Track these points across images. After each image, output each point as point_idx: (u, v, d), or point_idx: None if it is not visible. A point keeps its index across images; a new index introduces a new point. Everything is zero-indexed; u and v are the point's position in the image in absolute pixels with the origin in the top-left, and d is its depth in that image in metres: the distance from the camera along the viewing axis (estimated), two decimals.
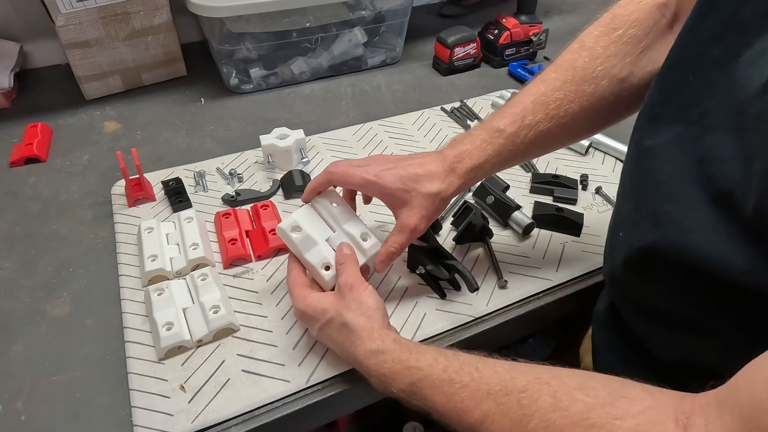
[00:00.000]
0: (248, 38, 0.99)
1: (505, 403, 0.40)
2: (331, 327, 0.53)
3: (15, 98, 1.00)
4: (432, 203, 0.57)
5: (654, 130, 0.47)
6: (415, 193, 0.56)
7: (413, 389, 0.47)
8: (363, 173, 0.57)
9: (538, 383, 0.40)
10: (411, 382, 0.47)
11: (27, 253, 0.70)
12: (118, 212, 0.75)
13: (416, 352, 0.49)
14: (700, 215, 0.40)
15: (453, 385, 0.44)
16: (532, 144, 0.57)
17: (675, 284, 0.44)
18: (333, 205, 0.61)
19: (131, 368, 0.56)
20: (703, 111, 0.42)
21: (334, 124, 0.95)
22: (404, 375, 0.48)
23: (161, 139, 0.91)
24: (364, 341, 0.51)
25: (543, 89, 0.57)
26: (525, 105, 0.57)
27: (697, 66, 0.43)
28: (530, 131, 0.56)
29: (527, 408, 0.39)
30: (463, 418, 0.43)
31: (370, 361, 0.50)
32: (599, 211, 0.78)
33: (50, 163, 0.85)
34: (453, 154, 0.57)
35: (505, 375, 0.43)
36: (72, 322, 0.62)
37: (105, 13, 0.92)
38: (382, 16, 1.08)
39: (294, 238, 0.58)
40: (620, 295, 0.55)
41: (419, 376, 0.47)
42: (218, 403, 0.53)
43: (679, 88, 0.45)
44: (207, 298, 0.60)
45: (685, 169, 0.42)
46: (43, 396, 0.55)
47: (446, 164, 0.57)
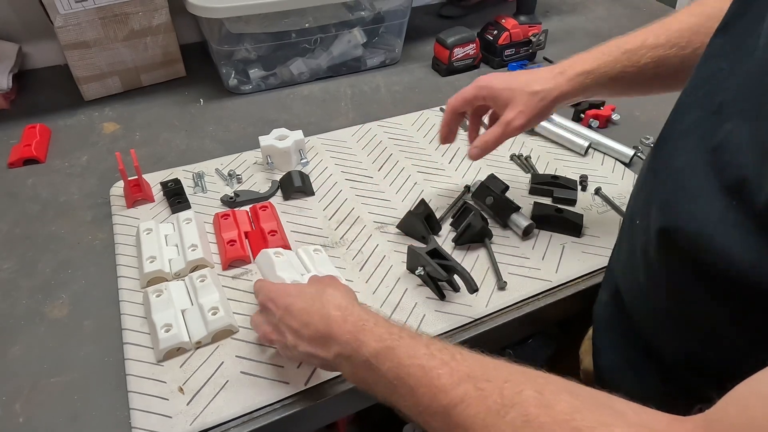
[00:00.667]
0: (247, 39, 0.99)
1: (485, 389, 0.37)
2: (304, 299, 0.50)
3: (14, 99, 1.00)
4: (531, 100, 0.62)
5: (676, 118, 0.47)
6: (519, 92, 0.62)
7: (388, 354, 0.43)
8: (474, 84, 0.67)
9: (523, 376, 0.38)
10: (389, 346, 0.43)
11: (26, 255, 0.70)
12: (117, 213, 0.75)
13: (398, 324, 0.47)
14: (709, 204, 0.39)
15: (433, 359, 0.41)
16: (647, 68, 0.58)
17: (682, 277, 0.44)
18: (313, 252, 0.66)
19: (130, 370, 0.56)
20: (726, 99, 0.41)
21: (334, 125, 0.95)
22: (383, 337, 0.44)
23: (160, 140, 0.91)
24: (348, 305, 0.48)
25: (669, 19, 0.60)
26: (649, 28, 0.60)
27: (731, 57, 0.43)
28: (649, 52, 0.58)
29: (508, 399, 0.36)
30: (437, 397, 0.39)
31: (350, 321, 0.46)
32: (599, 212, 0.78)
33: (49, 165, 0.85)
34: (567, 62, 0.63)
35: (490, 363, 0.40)
36: (71, 324, 0.62)
37: (104, 14, 0.92)
38: (382, 17, 1.08)
39: (275, 259, 0.61)
40: (630, 288, 0.54)
41: (399, 343, 0.43)
42: (217, 404, 0.53)
43: (710, 77, 0.45)
44: (206, 300, 0.60)
45: (699, 157, 0.41)
46: (41, 398, 0.55)
47: (555, 69, 0.62)
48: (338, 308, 0.48)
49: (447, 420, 0.38)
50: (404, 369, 0.42)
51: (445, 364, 0.40)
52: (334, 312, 0.47)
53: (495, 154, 0.89)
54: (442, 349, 0.42)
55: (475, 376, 0.39)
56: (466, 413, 0.37)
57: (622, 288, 0.56)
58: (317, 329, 0.47)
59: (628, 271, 0.54)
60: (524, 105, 0.62)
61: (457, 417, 0.38)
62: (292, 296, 0.50)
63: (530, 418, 0.34)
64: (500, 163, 0.87)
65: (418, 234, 0.72)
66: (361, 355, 0.44)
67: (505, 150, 0.90)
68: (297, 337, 0.49)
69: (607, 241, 0.73)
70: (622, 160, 0.88)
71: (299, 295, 0.50)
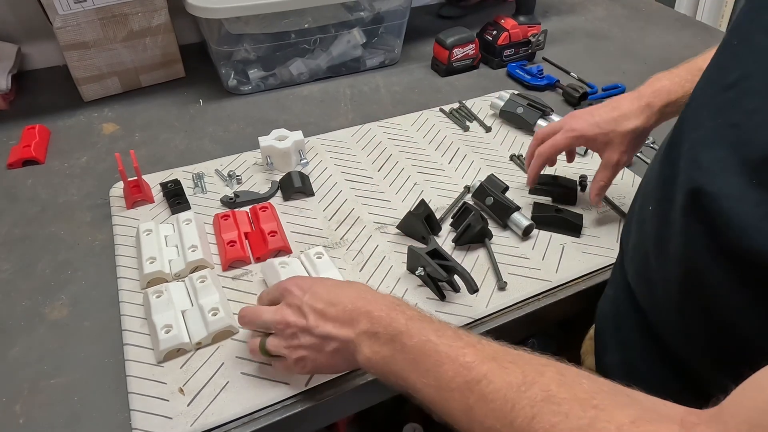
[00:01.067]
0: (247, 39, 0.99)
1: (508, 368, 0.39)
2: (327, 282, 0.53)
3: (13, 100, 0.99)
4: (630, 139, 0.65)
5: (693, 96, 0.47)
6: (614, 134, 0.65)
7: (418, 329, 0.44)
8: (566, 134, 0.69)
9: (544, 362, 0.39)
10: (420, 322, 0.45)
11: (25, 256, 0.70)
12: (117, 214, 0.75)
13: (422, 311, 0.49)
14: (729, 180, 0.39)
15: (460, 340, 0.42)
16: None
17: (702, 261, 0.43)
18: (315, 257, 0.66)
19: (130, 371, 0.56)
20: (743, 74, 0.41)
21: (333, 126, 0.95)
22: (413, 315, 0.46)
23: (160, 140, 0.91)
24: (372, 291, 0.51)
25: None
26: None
27: (745, 31, 0.43)
28: None
29: (530, 377, 0.37)
30: (460, 372, 0.40)
31: (382, 301, 0.48)
32: (598, 211, 0.78)
33: (48, 165, 0.85)
34: (650, 91, 0.64)
35: (513, 350, 0.41)
36: (70, 325, 0.62)
37: (103, 15, 0.92)
38: (381, 17, 1.08)
39: (280, 270, 0.63)
40: (641, 281, 0.54)
41: (429, 321, 0.45)
42: (217, 405, 0.53)
43: (720, 51, 0.45)
44: (206, 301, 0.60)
45: (713, 133, 0.41)
46: (41, 399, 0.55)
47: (642, 102, 0.64)
48: (368, 290, 0.50)
49: (467, 395, 0.39)
50: (431, 345, 0.43)
51: (472, 345, 0.42)
52: (365, 292, 0.49)
53: (495, 155, 0.89)
54: (469, 335, 0.44)
55: (499, 358, 0.40)
56: (488, 388, 0.38)
57: (632, 281, 0.55)
58: (345, 308, 0.48)
59: (637, 262, 0.53)
60: (623, 145, 0.66)
61: (479, 391, 0.38)
62: (317, 281, 0.53)
63: (551, 394, 0.35)
64: (500, 164, 0.87)
65: (418, 234, 0.72)
66: (392, 330, 0.45)
67: (504, 150, 0.90)
68: (320, 317, 0.49)
69: (607, 241, 0.73)
70: None
71: (323, 281, 0.53)
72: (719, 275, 0.41)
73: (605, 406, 0.33)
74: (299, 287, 0.52)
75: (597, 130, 0.67)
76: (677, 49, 1.21)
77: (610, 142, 0.66)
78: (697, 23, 1.41)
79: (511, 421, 0.36)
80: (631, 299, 0.55)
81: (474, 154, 0.89)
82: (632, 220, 0.57)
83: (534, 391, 0.36)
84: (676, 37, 1.29)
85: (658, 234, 0.48)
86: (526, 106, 0.93)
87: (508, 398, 0.37)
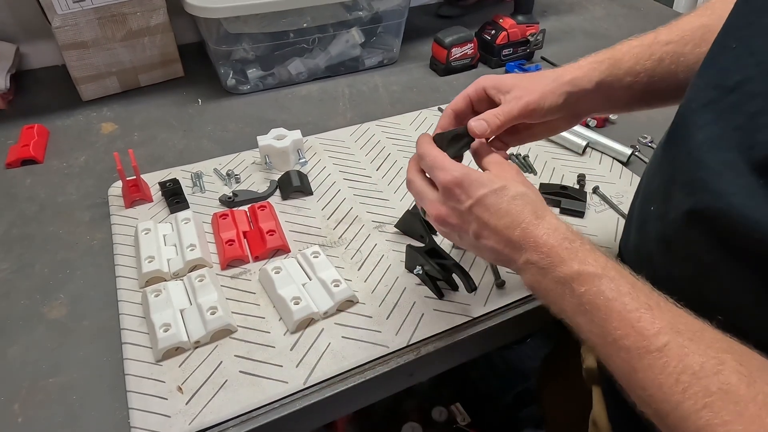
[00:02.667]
0: (245, 39, 0.99)
1: (687, 347, 0.36)
2: (502, 195, 0.47)
3: (11, 99, 0.99)
4: (540, 80, 0.56)
5: (690, 98, 0.47)
6: (525, 78, 0.57)
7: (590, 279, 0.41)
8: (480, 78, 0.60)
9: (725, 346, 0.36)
10: (593, 273, 0.42)
11: (24, 255, 0.70)
12: (115, 213, 0.75)
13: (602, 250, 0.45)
14: (737, 181, 0.38)
15: (637, 300, 0.40)
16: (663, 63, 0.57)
17: (708, 259, 0.43)
18: (312, 256, 0.66)
19: (129, 370, 0.56)
20: (744, 78, 0.41)
21: (332, 125, 0.96)
22: (587, 261, 0.43)
23: (158, 140, 0.91)
24: (547, 215, 0.46)
25: (676, 20, 0.60)
26: (658, 29, 0.59)
27: (743, 34, 0.42)
28: (662, 47, 0.57)
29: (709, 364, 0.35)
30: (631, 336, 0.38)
31: (553, 233, 0.45)
32: (596, 210, 0.78)
33: (47, 165, 0.85)
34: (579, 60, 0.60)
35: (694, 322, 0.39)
36: (69, 324, 0.62)
37: (102, 14, 0.92)
38: (379, 17, 1.08)
39: (274, 277, 0.63)
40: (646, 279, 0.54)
41: (604, 272, 0.42)
42: (216, 404, 0.53)
43: (719, 54, 0.44)
44: (204, 299, 0.60)
45: (718, 136, 0.41)
46: (40, 398, 0.55)
47: (566, 65, 0.59)
48: (537, 216, 0.46)
49: (636, 359, 0.38)
50: (602, 300, 0.40)
51: (649, 309, 0.39)
52: (534, 219, 0.45)
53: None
54: (648, 293, 0.41)
55: (679, 331, 0.37)
56: (660, 361, 0.36)
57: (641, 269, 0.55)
58: (512, 234, 0.46)
59: (641, 263, 0.53)
60: (533, 84, 0.56)
61: (649, 361, 0.37)
62: (487, 187, 0.47)
63: (729, 389, 0.33)
64: None
65: (417, 233, 0.72)
66: (559, 272, 0.43)
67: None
68: (485, 230, 0.47)
69: (605, 240, 0.73)
70: (620, 159, 0.88)
71: (495, 192, 0.47)
72: (726, 275, 0.41)
73: None
74: (466, 191, 0.47)
75: (509, 76, 0.58)
76: None
77: (517, 84, 0.56)
78: None
79: (678, 403, 0.35)
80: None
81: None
82: (632, 221, 0.57)
83: (711, 381, 0.34)
84: None
85: (661, 234, 0.48)
86: None
87: (681, 380, 0.35)
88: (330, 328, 0.61)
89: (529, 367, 1.22)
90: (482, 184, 0.47)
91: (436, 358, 0.61)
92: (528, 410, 1.18)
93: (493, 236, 0.47)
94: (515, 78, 0.57)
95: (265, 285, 0.65)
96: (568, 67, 0.58)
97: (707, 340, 0.37)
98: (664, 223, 0.47)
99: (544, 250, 0.44)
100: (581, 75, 0.57)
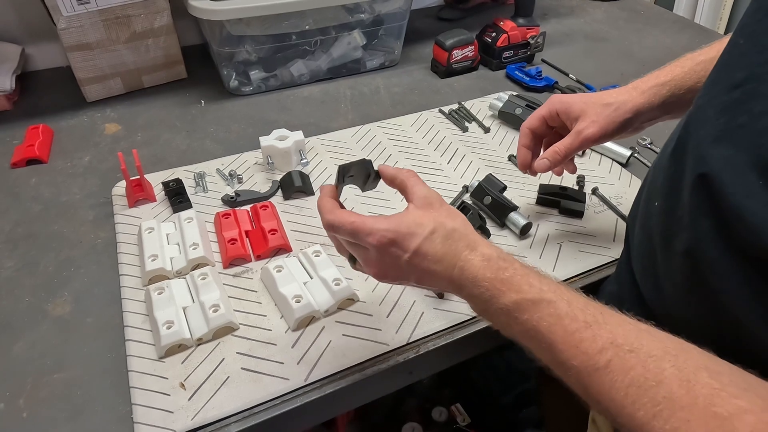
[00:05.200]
0: (248, 41, 1.00)
1: (628, 360, 0.38)
2: (435, 239, 0.47)
3: (17, 100, 1.00)
4: (604, 110, 0.61)
5: (699, 94, 0.47)
6: (591, 104, 0.62)
7: (529, 307, 0.42)
8: (547, 102, 0.66)
9: (664, 351, 0.38)
10: (531, 300, 0.43)
11: (28, 253, 0.71)
12: (119, 213, 0.76)
13: (535, 271, 0.46)
14: (738, 178, 0.39)
15: (575, 321, 0.41)
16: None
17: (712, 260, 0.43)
18: (313, 255, 0.67)
19: (132, 366, 0.57)
20: (750, 75, 0.41)
21: (333, 126, 0.96)
22: (522, 290, 0.43)
23: (162, 140, 0.92)
24: (479, 245, 0.46)
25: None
26: (723, 40, 0.58)
27: (752, 31, 0.42)
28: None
29: (652, 374, 0.36)
30: (577, 357, 0.40)
31: (488, 265, 0.45)
32: (596, 211, 0.79)
33: (51, 165, 0.86)
34: (641, 78, 0.62)
35: (631, 328, 0.40)
36: (73, 321, 0.62)
37: (106, 16, 0.93)
38: (381, 19, 1.09)
39: (275, 275, 0.63)
40: (648, 273, 0.53)
41: (540, 297, 0.43)
42: (218, 400, 0.54)
43: (727, 50, 0.44)
44: (207, 297, 0.61)
45: (720, 131, 0.41)
46: (44, 394, 0.55)
47: (630, 86, 0.62)
48: (471, 248, 0.46)
49: (584, 380, 0.39)
50: (545, 325, 0.42)
51: (588, 326, 0.40)
52: (469, 254, 0.46)
53: (493, 155, 0.90)
54: (584, 309, 0.42)
55: (618, 344, 0.39)
56: (607, 379, 0.38)
57: (638, 277, 0.55)
58: (451, 273, 0.46)
59: (644, 258, 0.53)
60: (597, 115, 0.62)
61: (598, 381, 0.38)
62: (419, 236, 0.47)
63: (673, 396, 0.35)
64: (498, 164, 0.88)
65: None
66: (500, 303, 0.44)
67: (503, 151, 0.91)
68: (425, 275, 0.47)
69: (604, 241, 0.74)
70: (619, 161, 0.89)
71: (428, 238, 0.47)
72: (727, 269, 0.41)
73: (728, 415, 0.33)
74: (400, 246, 0.47)
75: (577, 99, 0.64)
76: (676, 51, 1.20)
77: (585, 111, 0.63)
78: (695, 25, 1.42)
79: (631, 414, 0.36)
80: (636, 295, 0.55)
81: (472, 154, 0.90)
82: (636, 216, 0.57)
83: (656, 391, 0.36)
84: (674, 39, 1.30)
85: (664, 229, 0.48)
86: (524, 107, 0.94)
87: (629, 393, 0.37)
88: (331, 326, 0.62)
89: (529, 368, 1.22)
90: (414, 234, 0.47)
91: (435, 356, 0.62)
92: (528, 411, 1.18)
93: (434, 279, 0.48)
94: (583, 103, 0.63)
95: (267, 283, 0.65)
96: (632, 92, 0.62)
97: (646, 348, 0.38)
98: (667, 218, 0.47)
99: (483, 284, 0.45)
100: (643, 102, 0.61)
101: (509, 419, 1.18)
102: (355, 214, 0.48)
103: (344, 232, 0.48)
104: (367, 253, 0.49)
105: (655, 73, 0.63)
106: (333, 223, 0.49)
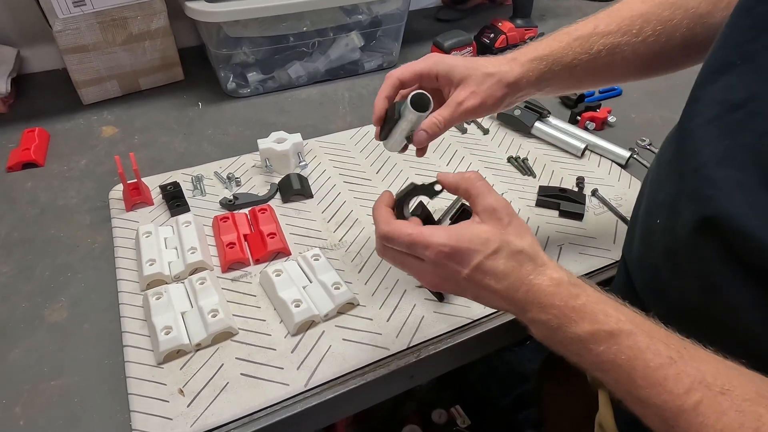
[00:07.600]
0: (245, 43, 0.99)
1: (721, 403, 0.35)
2: (498, 257, 0.44)
3: (12, 103, 1.00)
4: (486, 81, 0.57)
5: (694, 112, 0.46)
6: (474, 70, 0.57)
7: (605, 338, 0.39)
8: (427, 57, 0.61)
9: (757, 394, 0.36)
10: (608, 331, 0.39)
11: (25, 258, 0.70)
12: (116, 217, 0.75)
13: (609, 297, 0.42)
14: (749, 200, 0.38)
15: (659, 356, 0.38)
16: (600, 56, 0.57)
17: (718, 275, 0.42)
18: (312, 259, 0.67)
19: (130, 372, 0.56)
20: (751, 95, 0.40)
21: (332, 128, 0.96)
22: (598, 319, 0.40)
23: (159, 143, 0.91)
24: (548, 268, 0.43)
25: (619, 6, 0.59)
26: (598, 16, 0.59)
27: (747, 50, 0.42)
28: (601, 39, 0.57)
29: (749, 420, 0.34)
30: (660, 395, 0.37)
31: (557, 290, 0.42)
32: (595, 213, 0.79)
33: (48, 168, 0.86)
34: (519, 50, 0.60)
35: (720, 366, 0.37)
36: (70, 327, 0.62)
37: (102, 18, 0.92)
38: (379, 21, 1.09)
39: (275, 279, 0.63)
40: (652, 289, 0.52)
41: (618, 327, 0.39)
42: (217, 406, 0.54)
43: (723, 70, 0.44)
44: (205, 302, 0.61)
45: (725, 153, 0.41)
46: (41, 401, 0.55)
47: (509, 56, 0.60)
48: (537, 272, 0.43)
49: (671, 419, 0.37)
50: (624, 358, 0.39)
51: (672, 362, 0.37)
52: (537, 278, 0.43)
53: (492, 156, 0.89)
54: (667, 342, 0.39)
55: (708, 384, 0.36)
56: (696, 422, 0.35)
57: (641, 292, 0.54)
58: (515, 295, 0.43)
59: (647, 274, 0.53)
60: (477, 86, 0.57)
61: (685, 423, 0.36)
62: (481, 254, 0.44)
63: None
64: (497, 165, 0.87)
65: None
66: (569, 332, 0.41)
67: (502, 152, 0.91)
68: (484, 292, 0.45)
69: (604, 242, 0.74)
70: (619, 162, 0.88)
71: (490, 257, 0.44)
72: (737, 290, 0.41)
73: None
74: (459, 262, 0.44)
75: (460, 62, 0.58)
76: None
77: (467, 78, 0.57)
78: None
79: None
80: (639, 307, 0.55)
81: (472, 156, 0.89)
82: (635, 228, 0.57)
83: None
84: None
85: (668, 248, 0.48)
86: (523, 108, 0.94)
87: None
88: (330, 331, 0.61)
89: (528, 370, 1.22)
90: (475, 251, 0.44)
91: (436, 360, 0.61)
92: (527, 413, 1.18)
93: (494, 298, 0.45)
94: (465, 68, 0.58)
95: (266, 288, 0.65)
96: (512, 63, 0.59)
97: (739, 390, 0.36)
98: (671, 237, 0.47)
99: (552, 311, 0.42)
100: (521, 76, 0.58)
101: (509, 421, 1.18)
102: (412, 225, 0.46)
103: (401, 245, 0.46)
104: (422, 264, 0.47)
105: (533, 45, 0.60)
106: (389, 235, 0.47)
